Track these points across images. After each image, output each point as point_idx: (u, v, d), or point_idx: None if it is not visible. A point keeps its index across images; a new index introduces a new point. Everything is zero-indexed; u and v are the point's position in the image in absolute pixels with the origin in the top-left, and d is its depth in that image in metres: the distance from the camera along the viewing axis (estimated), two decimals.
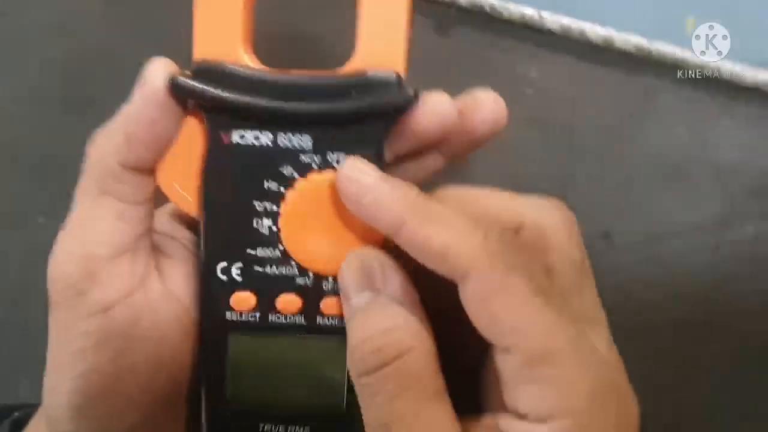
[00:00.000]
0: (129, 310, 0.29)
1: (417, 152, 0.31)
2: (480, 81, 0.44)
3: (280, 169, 0.29)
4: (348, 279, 0.28)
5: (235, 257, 0.29)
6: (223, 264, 0.29)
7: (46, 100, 0.46)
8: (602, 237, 0.42)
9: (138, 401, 0.29)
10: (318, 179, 0.28)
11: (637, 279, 0.42)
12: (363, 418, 0.26)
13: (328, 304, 0.29)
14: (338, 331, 0.29)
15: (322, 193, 0.28)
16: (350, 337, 0.27)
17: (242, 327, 0.30)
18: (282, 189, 0.29)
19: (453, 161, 0.32)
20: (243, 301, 0.30)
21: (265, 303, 0.30)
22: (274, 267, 0.29)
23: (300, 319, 0.30)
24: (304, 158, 0.29)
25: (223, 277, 0.29)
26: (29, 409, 0.34)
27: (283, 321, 0.30)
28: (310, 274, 0.29)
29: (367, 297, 0.27)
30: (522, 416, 0.25)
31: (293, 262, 0.29)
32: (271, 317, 0.30)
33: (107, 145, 0.28)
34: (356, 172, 0.27)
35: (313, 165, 0.29)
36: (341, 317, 0.29)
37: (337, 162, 0.28)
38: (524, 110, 0.44)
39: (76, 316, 0.28)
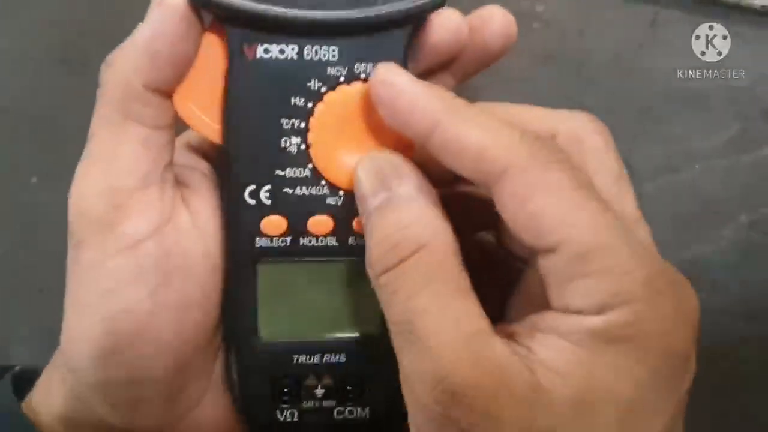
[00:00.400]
0: (160, 243, 0.27)
1: (429, 72, 0.30)
2: None
3: (307, 83, 0.27)
4: (362, 183, 0.26)
5: (263, 180, 0.28)
6: (252, 187, 0.28)
7: (42, 61, 0.45)
8: None
9: (168, 344, 0.27)
10: (346, 91, 0.27)
11: (657, 207, 0.42)
12: (386, 319, 0.25)
13: (359, 223, 0.28)
14: None
15: (351, 106, 0.27)
16: (367, 239, 0.26)
17: (273, 253, 0.28)
18: (310, 104, 0.28)
19: (463, 80, 0.31)
20: (274, 225, 0.28)
21: (296, 226, 0.28)
22: (304, 188, 0.28)
23: (332, 241, 0.29)
24: (331, 71, 0.27)
25: (252, 202, 0.28)
26: (28, 367, 0.32)
27: (316, 244, 0.29)
28: (341, 193, 0.28)
29: (381, 198, 0.26)
30: (575, 312, 0.24)
31: (323, 181, 0.28)
32: (303, 241, 0.29)
33: (129, 66, 0.26)
34: (390, 75, 0.26)
35: (341, 77, 0.27)
36: None
37: (365, 73, 0.27)
38: (532, 44, 0.43)
39: (105, 253, 0.26)
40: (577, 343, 0.23)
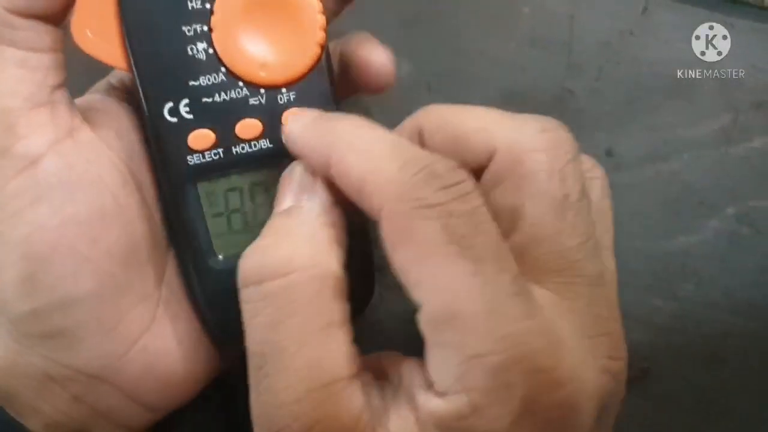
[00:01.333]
0: (59, 157, 0.26)
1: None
2: (476, 1, 0.43)
3: None
4: (281, 186, 0.26)
5: (179, 94, 0.27)
6: (169, 105, 0.27)
7: None
8: (605, 154, 0.41)
9: (86, 258, 0.26)
10: None
11: (642, 197, 0.41)
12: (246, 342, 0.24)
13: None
14: None
15: None
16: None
17: (208, 168, 0.27)
18: (207, 4, 0.27)
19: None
20: (201, 138, 0.27)
21: (225, 135, 0.27)
22: (222, 93, 0.27)
23: (266, 143, 0.28)
24: None
25: (173, 119, 0.27)
26: None
27: (249, 150, 0.28)
28: (262, 91, 0.27)
29: (287, 205, 0.25)
30: (429, 384, 0.22)
31: (240, 83, 0.27)
32: (236, 149, 0.28)
33: None
34: (291, 122, 0.26)
35: None
36: None
37: None
38: (522, 29, 0.42)
39: (5, 176, 0.26)
40: (420, 424, 0.21)
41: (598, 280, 0.23)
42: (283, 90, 0.28)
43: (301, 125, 0.26)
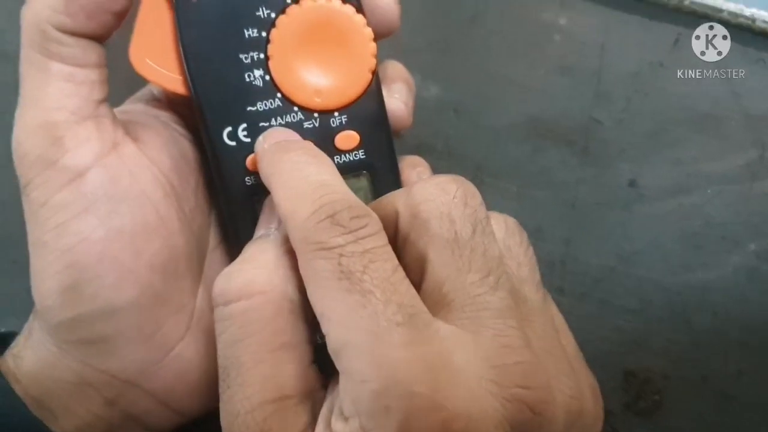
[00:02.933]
0: (104, 171, 0.27)
1: None
2: (507, 27, 0.44)
3: (256, 12, 0.28)
4: (261, 214, 0.28)
5: (237, 119, 0.28)
6: (228, 129, 0.28)
7: None
8: (628, 185, 0.41)
9: (130, 270, 0.28)
10: (297, 11, 0.28)
11: (663, 229, 0.41)
12: None
13: (342, 140, 0.29)
14: (359, 166, 0.28)
15: (305, 24, 0.28)
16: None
17: (264, 188, 0.28)
18: (263, 33, 0.28)
19: None
20: None
21: None
22: (278, 118, 0.28)
23: None
24: None
25: (232, 143, 0.28)
26: (7, 332, 0.32)
27: None
28: (315, 115, 0.29)
29: (259, 234, 0.28)
30: (340, 409, 0.23)
31: (296, 108, 0.28)
32: None
33: (43, 7, 0.27)
34: (258, 140, 0.28)
35: None
36: (358, 149, 0.29)
37: None
38: (551, 56, 0.43)
39: (52, 188, 0.27)
40: None
41: (506, 312, 0.24)
42: (336, 114, 0.29)
43: (260, 148, 0.28)
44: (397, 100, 0.31)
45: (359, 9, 0.28)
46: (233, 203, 0.29)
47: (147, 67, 0.28)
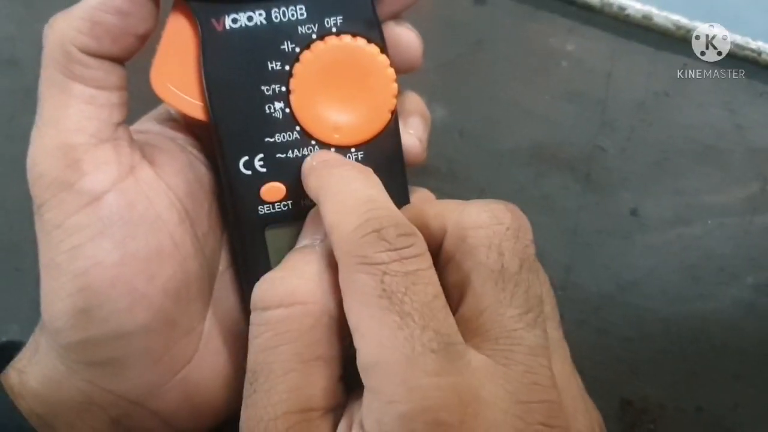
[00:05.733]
0: (121, 195, 0.27)
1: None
2: (514, 51, 0.44)
3: (281, 46, 0.28)
4: (305, 224, 0.28)
5: (254, 149, 0.28)
6: (245, 158, 0.28)
7: None
8: (630, 214, 0.42)
9: (143, 295, 0.28)
10: (322, 48, 0.28)
11: (663, 259, 0.41)
12: None
13: None
14: None
15: (329, 61, 0.28)
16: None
17: (277, 218, 0.29)
18: (287, 67, 0.28)
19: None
20: (273, 191, 0.29)
21: (295, 189, 0.29)
22: (295, 150, 0.29)
23: None
24: (302, 29, 0.28)
25: (247, 172, 0.29)
26: (12, 341, 0.33)
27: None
28: (332, 150, 0.29)
29: (303, 244, 0.28)
30: (361, 425, 0.23)
31: (313, 141, 0.29)
32: (304, 202, 0.29)
33: (68, 29, 0.27)
34: (306, 161, 0.29)
35: (313, 35, 0.28)
36: None
37: (336, 26, 0.28)
38: (558, 82, 0.43)
39: (68, 211, 0.27)
40: None
41: (539, 350, 0.24)
42: (353, 150, 0.29)
43: (308, 166, 0.28)
44: (412, 136, 0.31)
45: (383, 49, 0.28)
46: (245, 231, 0.29)
47: (168, 92, 0.28)
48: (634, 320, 0.41)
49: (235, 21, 0.27)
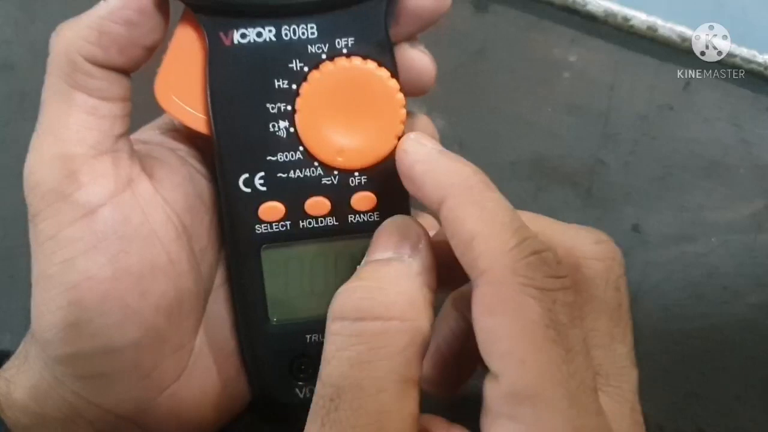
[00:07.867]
0: (117, 209, 0.27)
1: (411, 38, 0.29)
2: (516, 62, 0.43)
3: (289, 64, 0.27)
4: (382, 234, 0.26)
5: (255, 167, 0.28)
6: (245, 176, 0.28)
7: None
8: (632, 229, 0.41)
9: (134, 311, 0.27)
10: (330, 69, 0.27)
11: (665, 276, 0.41)
12: (320, 372, 0.23)
13: (358, 200, 0.28)
14: (373, 227, 0.27)
15: (337, 83, 0.27)
16: (350, 281, 0.25)
17: (274, 238, 0.28)
18: (294, 86, 0.27)
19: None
20: (271, 210, 0.28)
21: (294, 210, 0.28)
22: (297, 171, 0.28)
23: (332, 221, 0.29)
24: (312, 49, 0.27)
25: (247, 190, 0.28)
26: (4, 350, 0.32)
27: (315, 225, 0.29)
28: (335, 173, 0.28)
29: (386, 256, 0.25)
30: None
31: (316, 163, 0.28)
32: (302, 223, 0.29)
33: (75, 37, 0.26)
34: (412, 144, 0.25)
35: (323, 54, 0.27)
36: (374, 211, 0.28)
37: (347, 48, 0.27)
38: (560, 94, 0.42)
39: (62, 222, 0.26)
40: None
41: (636, 388, 0.24)
42: (356, 173, 0.28)
43: (425, 153, 0.25)
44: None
45: (394, 74, 0.28)
46: (241, 250, 0.29)
47: (172, 103, 0.28)
48: (635, 338, 0.40)
49: (243, 36, 0.27)
